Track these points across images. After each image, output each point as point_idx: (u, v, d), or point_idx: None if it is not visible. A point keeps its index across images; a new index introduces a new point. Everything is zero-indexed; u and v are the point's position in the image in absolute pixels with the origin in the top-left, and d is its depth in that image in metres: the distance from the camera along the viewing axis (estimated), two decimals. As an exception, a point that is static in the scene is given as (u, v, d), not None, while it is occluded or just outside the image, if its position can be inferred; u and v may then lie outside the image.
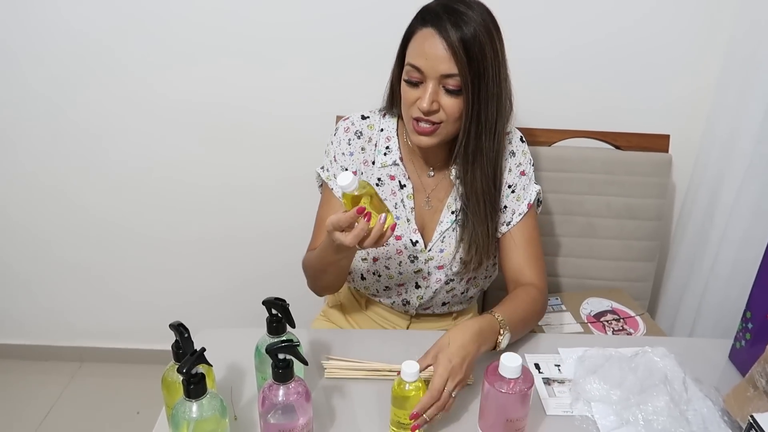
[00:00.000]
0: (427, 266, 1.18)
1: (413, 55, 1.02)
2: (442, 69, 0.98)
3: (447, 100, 1.01)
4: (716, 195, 1.51)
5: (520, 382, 0.82)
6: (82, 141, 1.72)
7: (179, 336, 0.81)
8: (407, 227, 1.16)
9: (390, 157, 1.16)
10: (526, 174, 1.18)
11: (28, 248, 1.90)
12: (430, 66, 0.99)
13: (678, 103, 1.59)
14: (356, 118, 1.19)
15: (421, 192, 1.17)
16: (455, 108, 1.01)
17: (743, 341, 1.05)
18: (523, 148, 1.19)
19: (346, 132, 1.18)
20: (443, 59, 0.98)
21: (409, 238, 1.16)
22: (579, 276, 1.58)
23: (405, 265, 1.18)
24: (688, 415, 0.93)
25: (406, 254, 1.17)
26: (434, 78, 1.00)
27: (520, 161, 1.17)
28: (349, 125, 1.18)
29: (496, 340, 0.99)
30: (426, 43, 0.99)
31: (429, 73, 1.00)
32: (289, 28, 1.55)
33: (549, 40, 1.53)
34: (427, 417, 0.86)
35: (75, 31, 1.58)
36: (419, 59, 1.00)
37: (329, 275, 1.13)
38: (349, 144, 1.17)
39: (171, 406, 0.82)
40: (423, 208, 1.17)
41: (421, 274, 1.19)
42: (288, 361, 0.78)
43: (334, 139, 1.19)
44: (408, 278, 1.20)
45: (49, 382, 2.00)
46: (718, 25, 1.49)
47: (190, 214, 1.83)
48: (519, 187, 1.17)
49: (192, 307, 1.95)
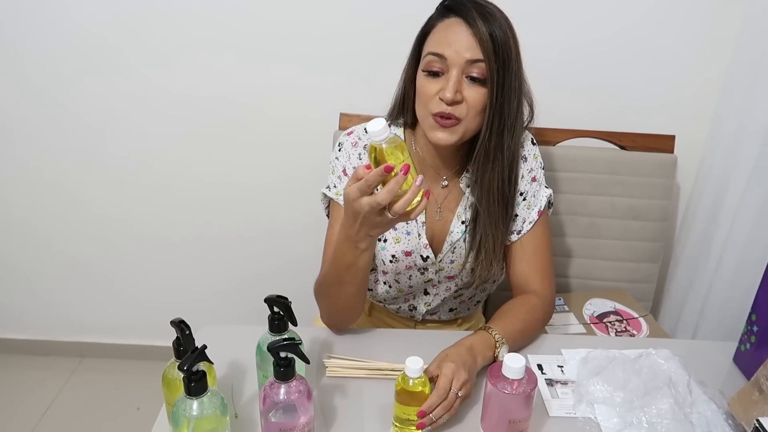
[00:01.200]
0: (437, 276, 1.16)
1: (435, 44, 0.99)
2: (467, 55, 0.96)
3: (470, 91, 0.98)
4: (721, 196, 1.51)
5: (524, 383, 0.81)
6: (83, 136, 1.72)
7: (180, 333, 0.80)
8: (418, 243, 1.12)
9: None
10: (537, 180, 1.14)
11: (29, 243, 1.90)
12: (454, 52, 0.96)
13: (684, 103, 1.59)
14: (360, 131, 1.13)
15: (432, 204, 1.13)
16: (479, 99, 0.98)
17: (748, 344, 1.04)
18: (534, 152, 1.14)
19: (354, 146, 1.11)
20: (469, 45, 0.95)
21: (419, 254, 1.13)
22: (582, 276, 1.57)
23: (415, 278, 1.16)
24: (692, 418, 0.92)
25: (416, 269, 1.15)
26: (458, 66, 0.96)
27: (531, 166, 1.13)
28: (356, 140, 1.12)
29: (493, 354, 0.98)
30: (450, 30, 0.97)
31: (453, 60, 0.96)
32: (292, 25, 1.55)
33: (553, 38, 1.52)
34: (434, 417, 0.85)
35: (77, 27, 1.57)
36: (442, 47, 0.97)
37: (348, 287, 1.00)
38: (360, 159, 1.11)
39: (171, 404, 0.81)
40: (433, 219, 1.14)
41: (431, 283, 1.18)
42: (290, 359, 0.78)
43: (341, 155, 1.12)
44: (417, 288, 1.18)
45: (50, 377, 1.99)
46: (725, 26, 1.48)
47: (192, 211, 1.82)
48: (530, 195, 1.13)
49: (193, 305, 1.95)
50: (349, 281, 0.99)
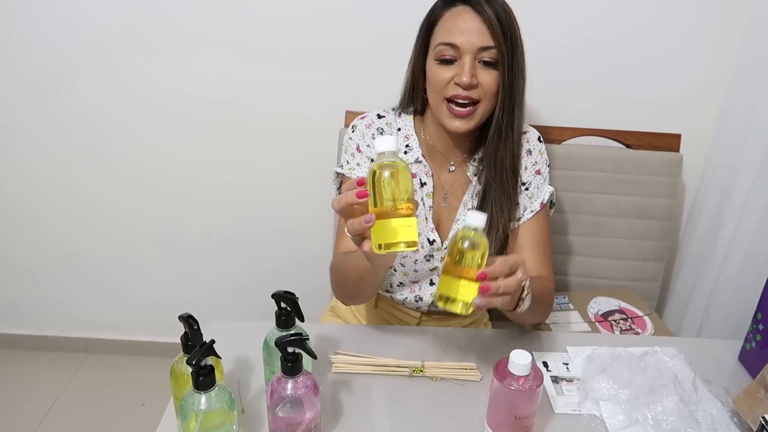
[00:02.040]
0: (442, 264, 1.17)
1: (445, 33, 1.02)
2: (479, 42, 1.00)
3: (484, 75, 1.02)
4: (727, 195, 1.50)
5: (530, 380, 0.81)
6: (88, 135, 1.73)
7: (188, 328, 0.81)
8: (425, 226, 1.14)
9: (411, 155, 1.15)
10: (541, 174, 1.17)
11: (35, 240, 1.91)
12: (466, 40, 1.00)
13: (690, 101, 1.58)
14: (373, 116, 1.17)
15: (439, 189, 1.16)
16: (493, 82, 1.02)
17: (753, 342, 1.04)
18: (540, 148, 1.18)
19: (368, 128, 1.15)
20: (480, 32, 0.99)
21: (426, 237, 1.14)
22: (587, 275, 1.57)
23: (420, 263, 1.16)
24: (698, 415, 0.92)
25: (422, 253, 1.16)
26: (470, 52, 1.00)
27: (536, 160, 1.17)
28: (370, 122, 1.16)
29: (520, 295, 0.94)
30: (459, 19, 1.01)
31: (466, 48, 1.00)
32: (297, 23, 1.55)
33: (558, 35, 1.52)
34: (494, 288, 0.81)
35: (80, 25, 1.57)
36: (454, 36, 1.01)
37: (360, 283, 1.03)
38: (373, 137, 1.14)
39: (179, 398, 0.82)
40: (440, 206, 1.16)
41: (437, 272, 1.18)
42: (297, 354, 0.78)
43: (354, 135, 1.16)
44: (423, 275, 1.19)
45: (55, 372, 2.00)
46: (732, 24, 1.48)
47: (198, 209, 1.83)
48: (533, 186, 1.16)
49: (199, 303, 1.95)
50: (368, 280, 1.02)
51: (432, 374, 1.00)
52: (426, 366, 1.01)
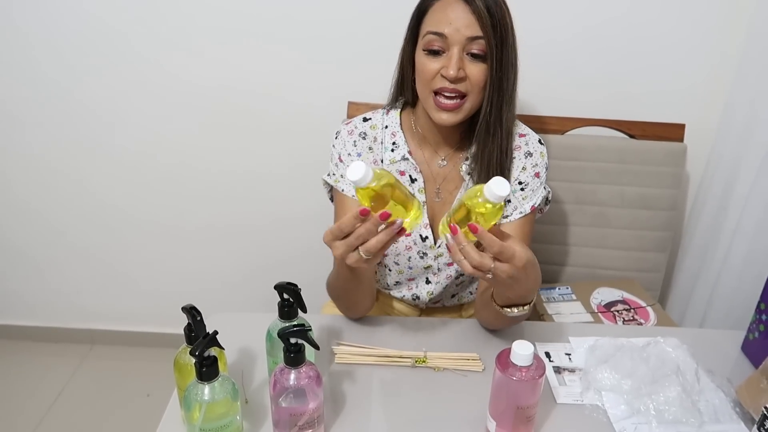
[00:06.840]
0: (437, 262, 1.16)
1: (434, 23, 1.00)
2: (468, 32, 0.98)
3: (472, 67, 1.00)
4: (731, 186, 1.50)
5: (532, 370, 0.81)
6: (94, 127, 1.73)
7: (192, 319, 0.81)
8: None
9: (398, 152, 1.14)
10: (540, 177, 1.14)
11: (40, 232, 1.92)
12: (455, 30, 0.98)
13: (694, 92, 1.57)
14: (358, 121, 1.16)
15: (431, 182, 1.15)
16: (480, 75, 1.00)
17: (757, 333, 1.04)
18: (542, 150, 1.15)
19: (350, 135, 1.15)
20: (469, 23, 0.97)
21: (419, 234, 1.14)
22: (590, 266, 1.57)
23: (414, 260, 1.16)
24: (700, 405, 0.92)
25: (416, 250, 1.15)
26: (458, 43, 0.98)
27: (536, 162, 1.14)
28: (353, 128, 1.16)
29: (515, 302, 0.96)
30: (449, 8, 0.99)
31: (454, 38, 0.98)
32: (299, 12, 1.54)
33: (560, 25, 1.50)
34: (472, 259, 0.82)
35: (86, 15, 1.57)
36: (442, 25, 0.99)
37: (353, 293, 1.06)
38: (355, 145, 1.14)
39: (183, 389, 0.82)
40: (433, 201, 1.15)
41: (431, 270, 1.18)
42: (300, 345, 0.78)
43: (337, 143, 1.15)
44: (418, 273, 1.19)
45: (60, 363, 2.02)
46: (737, 16, 1.47)
47: (201, 200, 1.83)
48: (529, 188, 1.13)
49: (202, 293, 1.96)
50: (353, 288, 1.04)
51: (434, 365, 1.00)
52: (428, 356, 1.01)
